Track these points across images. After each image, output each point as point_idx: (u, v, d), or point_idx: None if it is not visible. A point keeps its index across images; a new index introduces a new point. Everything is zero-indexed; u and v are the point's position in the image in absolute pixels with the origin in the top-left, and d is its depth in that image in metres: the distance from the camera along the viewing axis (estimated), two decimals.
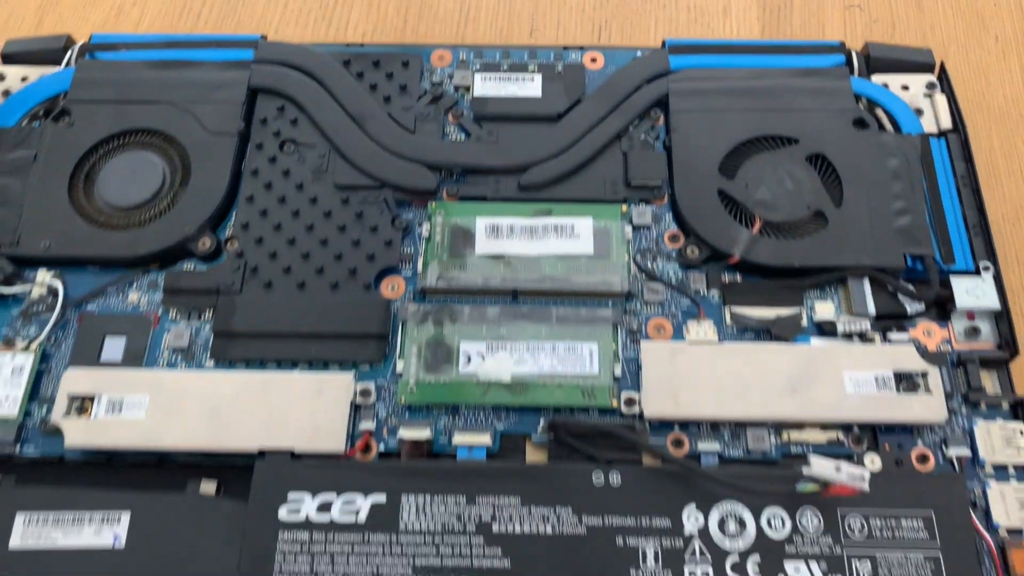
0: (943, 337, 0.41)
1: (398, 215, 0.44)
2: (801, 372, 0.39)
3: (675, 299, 0.43)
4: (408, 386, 0.40)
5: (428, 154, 0.46)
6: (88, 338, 0.42)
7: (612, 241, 0.44)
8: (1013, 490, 0.38)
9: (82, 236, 0.44)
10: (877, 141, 0.45)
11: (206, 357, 0.41)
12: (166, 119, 0.47)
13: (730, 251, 0.43)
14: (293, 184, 0.45)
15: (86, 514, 0.38)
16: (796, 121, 0.46)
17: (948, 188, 0.44)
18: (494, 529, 0.36)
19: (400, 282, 0.43)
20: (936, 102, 0.47)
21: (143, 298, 0.43)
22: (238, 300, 0.42)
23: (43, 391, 0.41)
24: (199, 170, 0.45)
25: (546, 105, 0.47)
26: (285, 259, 0.43)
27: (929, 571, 0.36)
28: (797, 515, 0.37)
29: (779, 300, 0.42)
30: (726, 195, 0.44)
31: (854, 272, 0.42)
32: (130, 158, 0.46)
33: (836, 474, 0.34)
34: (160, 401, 0.39)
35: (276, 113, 0.47)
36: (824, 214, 0.43)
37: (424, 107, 0.48)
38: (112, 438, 0.39)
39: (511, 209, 0.44)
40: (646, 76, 0.48)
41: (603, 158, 0.46)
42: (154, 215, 0.44)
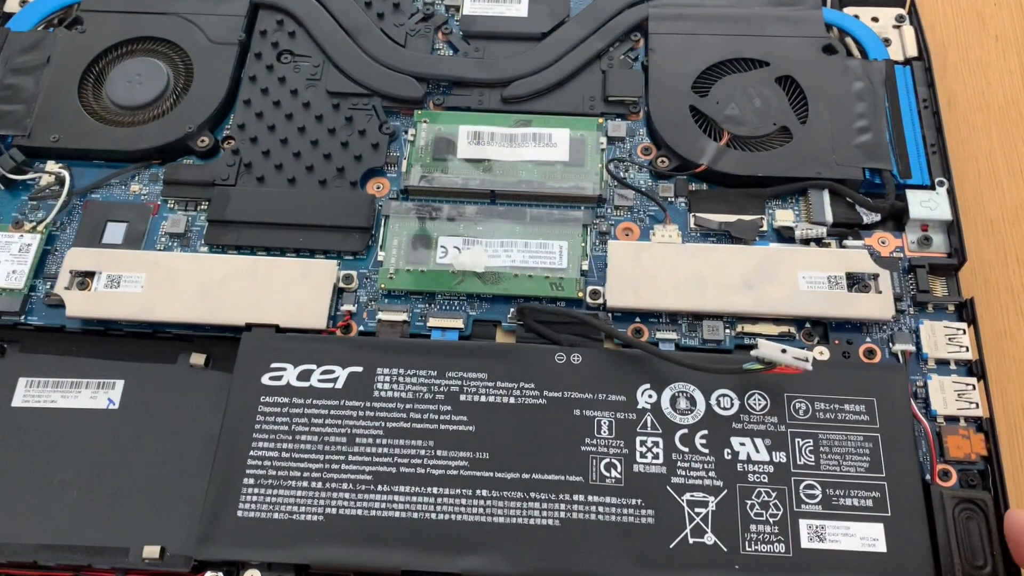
0: (897, 246, 0.44)
1: (386, 121, 0.47)
2: (757, 270, 0.42)
3: (644, 205, 0.45)
4: (388, 273, 0.42)
5: (417, 66, 0.48)
6: (92, 223, 0.44)
7: (587, 150, 0.46)
8: (952, 382, 0.40)
9: (89, 131, 0.46)
10: (844, 65, 0.47)
11: (200, 244, 0.44)
12: (172, 29, 0.50)
13: (698, 161, 0.45)
14: (288, 90, 0.48)
15: (83, 380, 0.41)
16: (768, 46, 0.48)
17: (910, 110, 0.47)
18: (461, 399, 0.39)
19: (385, 182, 0.46)
20: (903, 33, 0.49)
21: (144, 189, 0.46)
22: (232, 192, 0.45)
23: (47, 270, 0.43)
24: (201, 75, 0.48)
25: (531, 24, 0.50)
26: (278, 157, 0.46)
27: (867, 450, 0.38)
28: (745, 396, 0.39)
29: (742, 208, 0.45)
30: (698, 111, 0.47)
31: (814, 183, 0.44)
32: (137, 63, 0.49)
33: (781, 355, 0.37)
34: (156, 279, 0.42)
35: (275, 26, 0.50)
36: (789, 130, 0.46)
37: (415, 24, 0.50)
38: (109, 309, 0.41)
39: (493, 119, 0.47)
40: (628, 1, 0.50)
41: (583, 75, 0.49)
42: (157, 115, 0.47)
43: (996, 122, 0.53)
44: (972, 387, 0.40)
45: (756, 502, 0.37)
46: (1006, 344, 0.46)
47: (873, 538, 0.36)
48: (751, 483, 0.37)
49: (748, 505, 0.37)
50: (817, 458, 0.38)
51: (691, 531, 0.36)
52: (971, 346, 0.41)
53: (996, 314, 0.47)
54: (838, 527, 0.36)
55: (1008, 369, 0.45)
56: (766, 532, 0.36)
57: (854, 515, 0.37)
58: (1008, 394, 0.45)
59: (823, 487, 0.37)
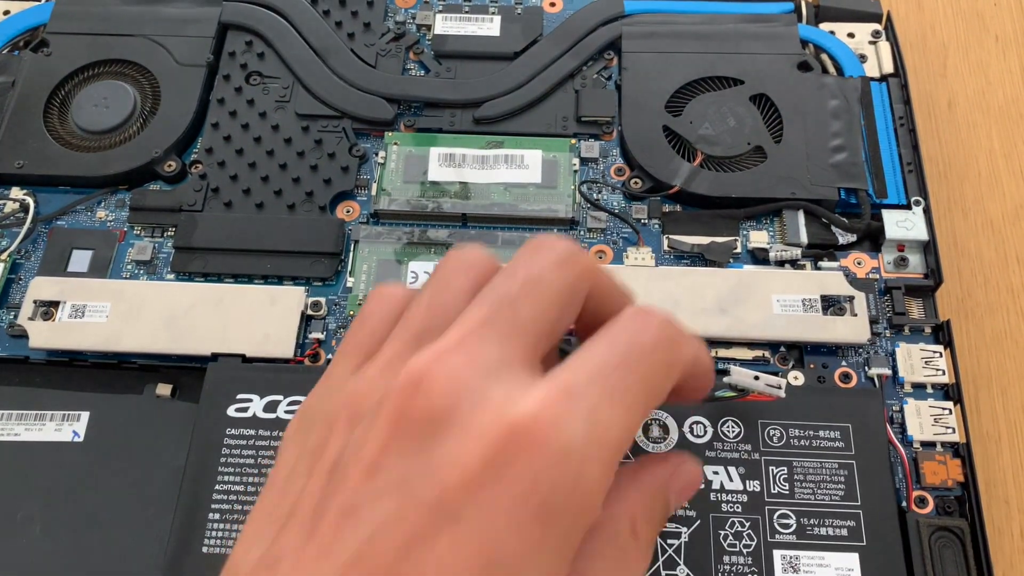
0: (873, 267, 0.43)
1: (356, 143, 0.46)
2: (731, 294, 0.41)
3: (617, 227, 0.44)
4: (357, 300, 0.42)
5: (387, 87, 0.48)
6: (56, 251, 0.44)
7: (560, 172, 0.45)
8: (929, 407, 0.39)
9: (55, 156, 0.46)
10: (819, 83, 0.47)
11: (167, 271, 0.43)
12: (139, 51, 0.49)
13: (671, 183, 0.44)
14: (257, 112, 0.47)
15: (48, 412, 0.41)
16: (743, 63, 0.48)
17: (886, 128, 0.46)
18: None
19: (355, 206, 0.45)
20: (879, 49, 0.49)
21: (110, 215, 0.45)
22: (199, 218, 0.44)
23: (12, 299, 0.43)
24: (168, 98, 0.47)
25: (504, 44, 0.49)
26: (246, 181, 0.45)
27: (842, 477, 0.37)
28: (719, 424, 0.38)
29: (716, 230, 0.44)
30: (671, 131, 0.46)
31: (789, 204, 0.44)
32: (103, 86, 0.48)
33: (754, 383, 0.36)
34: (121, 308, 0.41)
35: (244, 47, 0.49)
36: (763, 150, 0.45)
37: (386, 44, 0.50)
38: (74, 340, 0.41)
39: (465, 141, 0.46)
40: (601, 19, 0.50)
41: (556, 95, 0.48)
42: (124, 139, 0.46)
43: (996, 122, 0.52)
44: (949, 411, 0.39)
45: (730, 532, 0.36)
46: (1006, 344, 0.46)
47: (848, 568, 0.36)
48: (724, 513, 0.37)
49: (721, 536, 0.36)
50: (791, 486, 0.37)
51: (663, 563, 0.36)
52: (948, 369, 0.40)
53: (996, 314, 0.46)
54: (812, 557, 0.36)
55: (1008, 369, 0.45)
56: (739, 564, 0.36)
57: (829, 545, 0.36)
58: (1008, 394, 0.44)
59: (797, 516, 0.37)
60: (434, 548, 0.19)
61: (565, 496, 0.20)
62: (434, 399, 0.21)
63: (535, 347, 0.22)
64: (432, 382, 0.21)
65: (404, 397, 0.21)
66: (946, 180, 0.50)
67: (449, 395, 0.21)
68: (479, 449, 0.20)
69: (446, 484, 0.19)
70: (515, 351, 0.22)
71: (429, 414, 0.20)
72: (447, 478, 0.19)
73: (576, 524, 0.20)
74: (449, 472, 0.20)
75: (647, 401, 0.22)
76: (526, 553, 0.19)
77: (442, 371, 0.21)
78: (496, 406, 0.20)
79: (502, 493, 0.19)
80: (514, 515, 0.19)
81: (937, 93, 0.53)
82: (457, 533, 0.19)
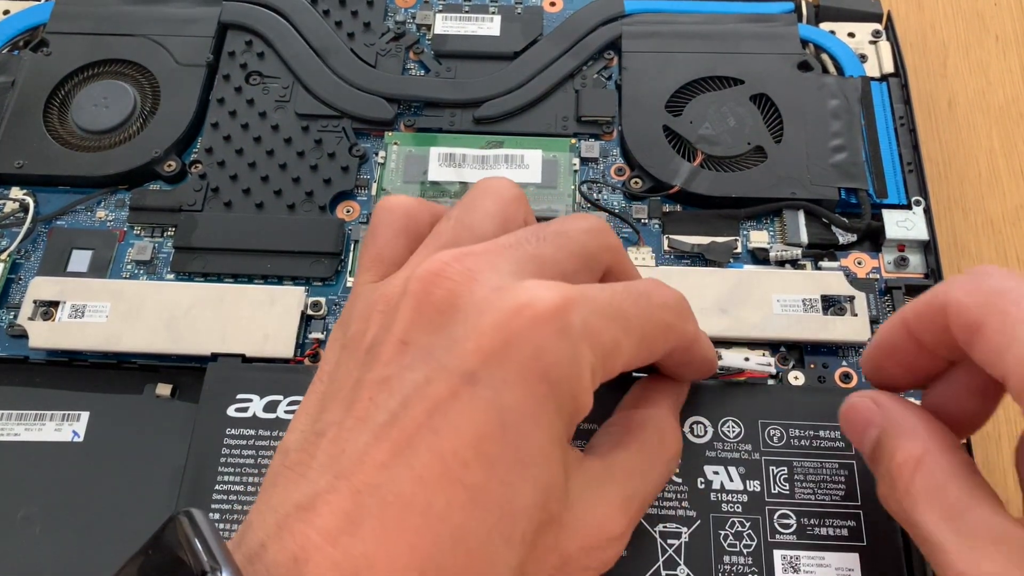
0: (873, 266, 0.43)
1: (356, 143, 0.46)
2: (731, 294, 0.41)
3: (617, 227, 0.44)
4: None
5: (387, 87, 0.48)
6: (56, 251, 0.44)
7: (560, 172, 0.45)
8: None
9: (55, 156, 0.46)
10: (819, 83, 0.47)
11: (167, 271, 0.43)
12: (139, 51, 0.49)
13: (671, 183, 0.44)
14: (256, 112, 0.47)
15: (48, 412, 0.40)
16: (743, 63, 0.48)
17: (886, 128, 0.46)
18: None
19: (355, 206, 0.45)
20: (880, 48, 0.49)
21: (110, 215, 0.45)
22: (199, 218, 0.44)
23: (11, 299, 0.43)
24: (168, 98, 0.47)
25: (504, 44, 0.49)
26: (245, 181, 0.45)
27: (843, 477, 0.37)
28: (719, 423, 0.38)
29: (716, 230, 0.44)
30: (671, 131, 0.46)
31: (789, 204, 0.44)
32: (103, 86, 0.48)
33: (745, 363, 0.37)
34: (121, 308, 0.41)
35: (244, 47, 0.49)
36: (763, 149, 0.45)
37: (386, 44, 0.50)
38: (74, 340, 0.41)
39: (465, 141, 0.46)
40: (601, 18, 0.50)
41: (556, 95, 0.48)
42: (124, 139, 0.46)
43: (996, 122, 0.53)
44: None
45: (730, 532, 0.36)
46: None
47: (848, 568, 0.36)
48: (725, 513, 0.37)
49: (722, 536, 0.36)
50: (792, 486, 0.37)
51: (664, 563, 0.36)
52: None
53: None
54: (813, 558, 0.36)
55: None
56: (740, 564, 0.36)
57: (829, 545, 0.36)
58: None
59: (797, 516, 0.37)
60: (457, 407, 0.22)
61: (564, 367, 0.24)
62: (453, 285, 0.24)
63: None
64: (451, 271, 0.25)
65: (426, 283, 0.24)
66: (946, 180, 0.50)
67: (467, 282, 0.24)
68: (493, 324, 0.23)
69: (465, 353, 0.23)
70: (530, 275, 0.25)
71: (450, 296, 0.24)
72: (466, 348, 0.23)
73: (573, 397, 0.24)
74: (468, 343, 0.23)
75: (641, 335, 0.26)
76: (533, 412, 0.23)
77: (461, 263, 0.25)
78: (509, 291, 0.24)
79: (512, 358, 0.23)
80: (522, 376, 0.23)
81: (937, 93, 0.53)
82: (476, 393, 0.22)
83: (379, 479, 0.22)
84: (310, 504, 0.22)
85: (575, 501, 0.26)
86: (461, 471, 0.22)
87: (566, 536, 0.26)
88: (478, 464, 0.22)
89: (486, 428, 0.22)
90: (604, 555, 0.28)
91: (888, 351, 0.31)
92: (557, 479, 0.25)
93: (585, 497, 0.27)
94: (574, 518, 0.26)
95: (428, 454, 0.22)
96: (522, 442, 0.23)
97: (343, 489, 0.22)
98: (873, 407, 0.30)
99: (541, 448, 0.24)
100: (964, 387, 0.30)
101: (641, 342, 0.27)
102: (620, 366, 0.26)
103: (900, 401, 0.30)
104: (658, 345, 0.28)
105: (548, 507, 0.24)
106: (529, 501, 0.23)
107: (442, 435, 0.22)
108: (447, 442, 0.22)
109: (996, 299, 0.25)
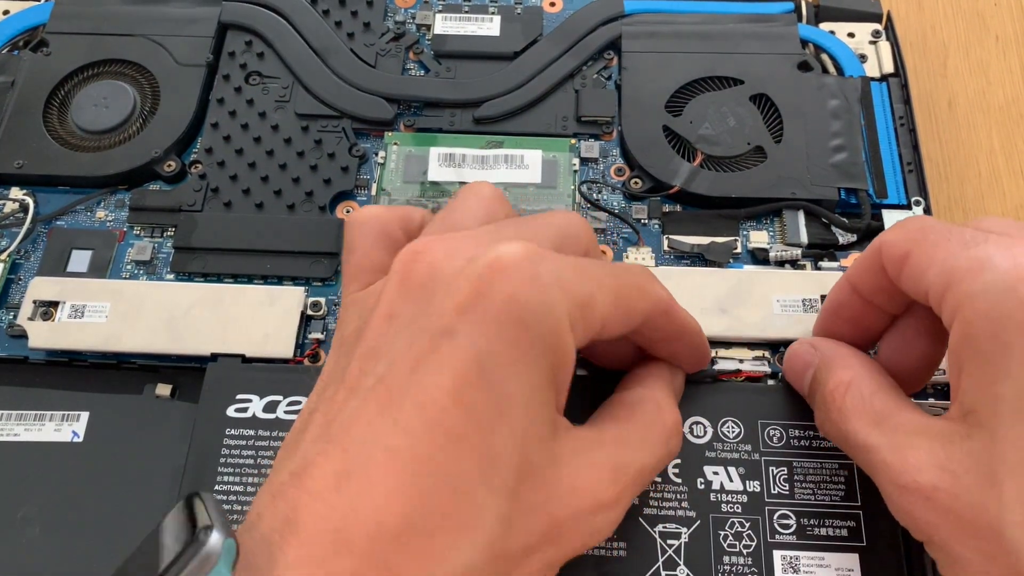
0: None
1: (356, 143, 0.46)
2: (731, 294, 0.41)
3: (617, 227, 0.44)
4: None
5: (387, 87, 0.48)
6: (56, 251, 0.44)
7: (559, 172, 0.45)
8: (929, 406, 0.39)
9: (55, 156, 0.46)
10: (819, 83, 0.47)
11: (166, 271, 0.43)
12: (139, 51, 0.49)
13: (671, 183, 0.44)
14: (256, 112, 0.47)
15: (47, 412, 0.40)
16: (743, 63, 0.48)
17: (886, 128, 0.46)
18: None
19: (355, 206, 0.45)
20: (880, 48, 0.49)
21: (110, 215, 0.45)
22: (199, 218, 0.44)
23: (11, 299, 0.43)
24: (168, 98, 0.47)
25: (503, 44, 0.49)
26: (245, 181, 0.45)
27: (842, 478, 0.37)
28: (719, 424, 0.38)
29: (716, 230, 0.44)
30: (671, 131, 0.46)
31: (789, 204, 0.44)
32: (103, 86, 0.48)
33: (740, 364, 0.38)
34: (121, 308, 0.41)
35: (244, 47, 0.49)
36: (763, 149, 0.45)
37: (386, 44, 0.50)
38: (74, 340, 0.41)
39: (465, 141, 0.46)
40: (601, 19, 0.50)
41: (556, 95, 0.48)
42: (123, 139, 0.46)
43: (996, 122, 0.53)
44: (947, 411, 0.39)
45: (729, 533, 0.36)
46: None
47: (848, 568, 0.36)
48: (724, 513, 0.37)
49: (721, 536, 0.36)
50: (791, 487, 0.37)
51: (664, 564, 0.36)
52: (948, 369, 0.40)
53: None
54: (812, 558, 0.36)
55: None
56: (739, 564, 0.36)
57: (829, 545, 0.36)
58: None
59: (797, 517, 0.37)
60: (437, 359, 0.24)
61: (537, 311, 0.24)
62: (433, 259, 0.26)
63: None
64: (432, 249, 0.26)
65: (407, 262, 0.26)
66: (946, 180, 0.50)
67: (447, 257, 0.26)
68: (468, 281, 0.24)
69: (444, 312, 0.24)
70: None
71: (430, 270, 0.26)
72: (444, 308, 0.24)
73: (551, 343, 0.25)
74: (445, 303, 0.24)
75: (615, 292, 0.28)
76: (510, 357, 0.24)
77: (441, 243, 0.26)
78: (483, 254, 0.25)
79: (486, 307, 0.24)
80: (497, 321, 0.24)
81: (937, 93, 0.53)
82: (454, 344, 0.24)
83: (366, 436, 0.23)
84: (302, 470, 0.24)
85: (563, 464, 0.26)
86: (441, 417, 0.23)
87: (555, 498, 0.26)
88: (457, 409, 0.23)
89: (465, 375, 0.23)
90: (595, 522, 0.28)
91: (836, 311, 0.34)
92: (538, 429, 0.25)
93: (573, 462, 0.27)
94: (561, 479, 0.26)
95: (411, 406, 0.23)
96: (500, 387, 0.24)
97: (333, 452, 0.24)
98: (810, 349, 0.35)
99: (520, 393, 0.24)
100: (911, 333, 0.33)
101: (617, 299, 0.28)
102: (599, 320, 0.27)
103: (834, 342, 0.34)
104: (634, 303, 0.29)
105: (529, 456, 0.25)
106: (508, 446, 0.24)
107: (424, 386, 0.23)
108: (428, 392, 0.23)
109: (918, 233, 0.29)
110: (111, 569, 0.25)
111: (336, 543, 0.22)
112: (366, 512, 0.22)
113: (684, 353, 0.35)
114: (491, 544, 0.24)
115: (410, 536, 0.22)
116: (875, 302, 0.33)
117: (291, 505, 0.23)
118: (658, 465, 0.31)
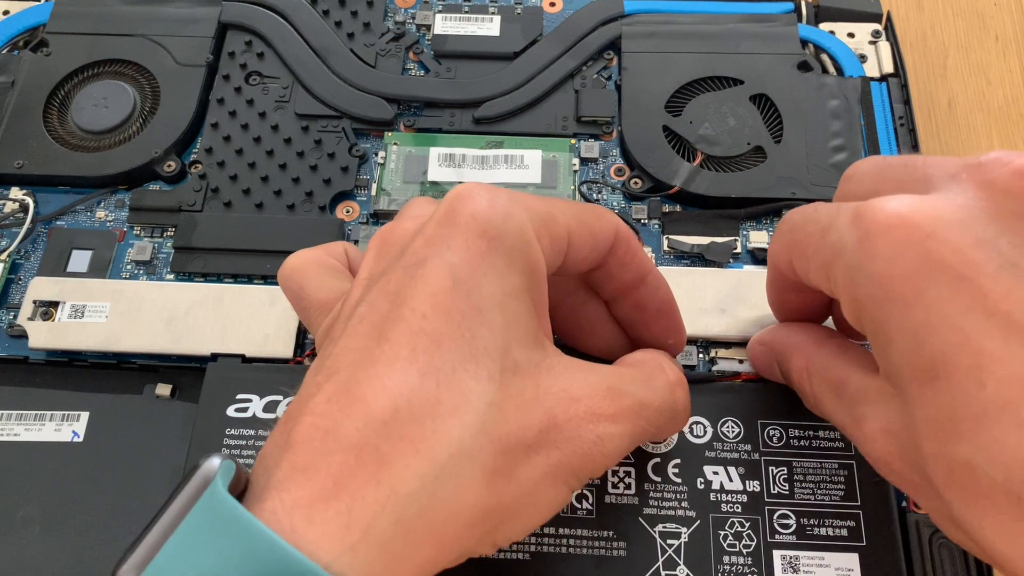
0: None
1: (356, 143, 0.46)
2: (731, 294, 0.41)
3: None
4: None
5: (387, 87, 0.48)
6: (56, 251, 0.44)
7: (560, 172, 0.45)
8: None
9: (55, 156, 0.46)
10: (819, 83, 0.47)
11: (166, 271, 0.43)
12: (139, 51, 0.49)
13: (671, 183, 0.44)
14: (256, 112, 0.47)
15: (47, 413, 0.40)
16: (743, 63, 0.48)
17: (886, 128, 0.46)
18: None
19: (355, 206, 0.45)
20: (879, 49, 0.49)
21: (110, 215, 0.45)
22: (199, 218, 0.44)
23: (11, 299, 0.43)
24: (168, 98, 0.47)
25: (503, 44, 0.49)
26: (245, 181, 0.45)
27: (842, 478, 0.37)
28: (719, 424, 0.38)
29: (716, 230, 0.44)
30: (671, 131, 0.46)
31: (789, 204, 0.44)
32: (103, 86, 0.48)
33: (740, 366, 0.38)
34: (121, 308, 0.41)
35: (244, 47, 0.49)
36: (763, 149, 0.45)
37: (386, 44, 0.50)
38: (74, 340, 0.41)
39: (464, 141, 0.46)
40: (601, 19, 0.50)
41: (556, 95, 0.48)
42: (123, 139, 0.46)
43: (996, 122, 0.53)
44: None
45: (729, 533, 0.36)
46: None
47: (848, 568, 0.36)
48: (724, 513, 0.37)
49: (721, 536, 0.36)
50: (791, 487, 0.37)
51: (663, 563, 0.36)
52: None
53: None
54: (812, 558, 0.36)
55: None
56: (739, 564, 0.36)
57: (829, 545, 0.36)
58: None
59: (797, 516, 0.37)
60: (413, 281, 0.26)
61: (500, 222, 0.26)
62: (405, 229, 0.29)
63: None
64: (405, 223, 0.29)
65: (383, 235, 0.29)
66: None
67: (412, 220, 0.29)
68: (435, 221, 0.27)
69: (417, 248, 0.26)
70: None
71: (404, 234, 0.28)
72: (416, 245, 0.26)
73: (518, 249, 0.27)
74: (417, 242, 0.27)
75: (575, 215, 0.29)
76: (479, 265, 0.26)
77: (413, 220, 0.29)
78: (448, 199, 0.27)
79: (451, 229, 0.26)
80: (463, 236, 0.26)
81: (937, 93, 0.53)
82: (426, 268, 0.26)
83: (357, 359, 0.25)
84: (305, 407, 0.25)
85: (555, 374, 0.27)
86: (421, 322, 0.25)
87: (550, 396, 0.27)
88: (436, 313, 0.25)
89: (439, 285, 0.25)
90: (597, 431, 0.27)
91: (772, 289, 0.36)
92: (518, 333, 0.26)
93: (566, 374, 0.28)
94: (552, 383, 0.27)
95: (396, 322, 0.25)
96: (473, 291, 0.25)
97: (330, 383, 0.25)
98: (761, 347, 0.36)
99: (493, 296, 0.26)
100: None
101: (578, 220, 0.29)
102: (563, 231, 0.29)
103: (777, 330, 0.36)
104: (595, 225, 0.30)
105: (512, 355, 0.26)
106: (490, 343, 0.25)
107: (404, 304, 0.25)
108: (408, 306, 0.25)
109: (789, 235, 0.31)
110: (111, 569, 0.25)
111: (325, 442, 0.23)
112: (355, 410, 0.24)
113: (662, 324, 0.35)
114: (483, 425, 0.24)
115: (399, 423, 0.24)
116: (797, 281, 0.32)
117: (288, 428, 0.24)
118: (663, 408, 0.30)
